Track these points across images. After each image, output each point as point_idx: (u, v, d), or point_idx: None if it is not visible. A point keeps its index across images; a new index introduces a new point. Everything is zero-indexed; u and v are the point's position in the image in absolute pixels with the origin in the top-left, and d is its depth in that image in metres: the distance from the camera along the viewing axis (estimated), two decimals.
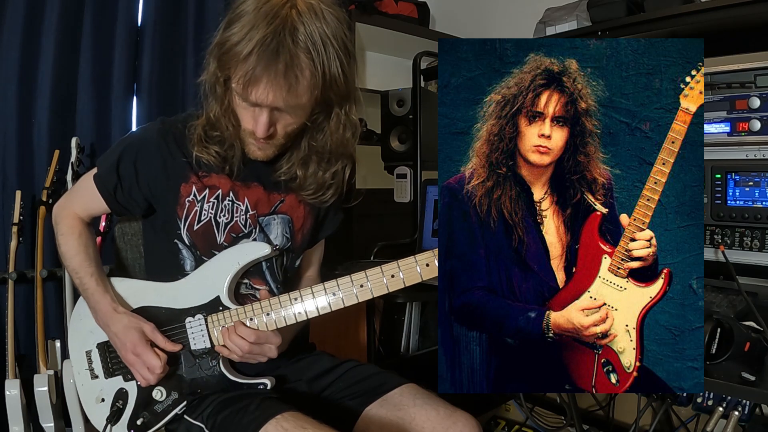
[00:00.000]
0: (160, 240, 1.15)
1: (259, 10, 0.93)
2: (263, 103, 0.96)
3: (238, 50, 0.92)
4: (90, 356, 1.15)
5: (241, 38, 0.92)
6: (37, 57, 1.88)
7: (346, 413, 1.12)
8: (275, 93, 0.94)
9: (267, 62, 0.92)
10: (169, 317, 1.11)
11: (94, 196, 1.15)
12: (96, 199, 1.15)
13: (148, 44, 2.07)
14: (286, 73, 0.93)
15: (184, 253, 1.12)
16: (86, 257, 1.14)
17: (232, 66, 0.95)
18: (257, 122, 1.00)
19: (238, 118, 1.04)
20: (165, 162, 1.10)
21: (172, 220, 1.11)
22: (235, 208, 1.13)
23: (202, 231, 1.11)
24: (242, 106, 1.01)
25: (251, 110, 1.00)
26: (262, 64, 0.92)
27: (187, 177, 1.11)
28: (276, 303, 1.08)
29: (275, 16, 0.92)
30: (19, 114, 1.86)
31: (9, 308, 1.76)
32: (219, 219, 1.12)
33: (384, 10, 2.38)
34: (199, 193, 1.11)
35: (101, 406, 1.12)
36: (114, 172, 1.12)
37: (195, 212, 1.11)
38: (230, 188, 1.13)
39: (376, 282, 1.04)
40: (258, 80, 0.93)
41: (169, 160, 1.10)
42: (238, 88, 0.96)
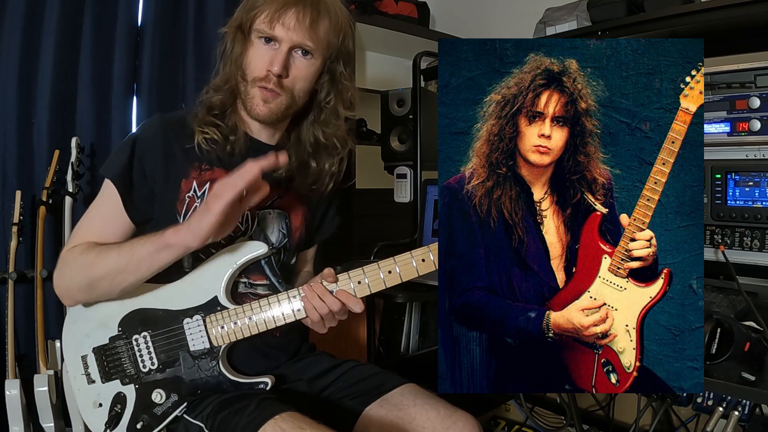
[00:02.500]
0: None
1: None
2: (287, 34, 1.06)
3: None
4: (86, 361, 1.12)
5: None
6: (37, 57, 1.88)
7: (346, 413, 1.12)
8: (300, 25, 1.06)
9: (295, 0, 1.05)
10: (167, 319, 1.10)
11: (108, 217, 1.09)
12: (110, 221, 1.08)
13: (148, 44, 2.07)
14: (314, 8, 1.07)
15: None
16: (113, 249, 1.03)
17: (260, 10, 1.06)
18: (274, 59, 1.06)
19: (246, 70, 1.09)
20: (166, 158, 1.10)
21: (171, 216, 1.11)
22: None
23: None
24: (259, 51, 1.08)
25: (270, 51, 1.07)
26: (291, 1, 1.05)
27: (188, 173, 1.11)
28: (275, 300, 1.08)
29: None
30: (19, 114, 1.85)
31: (9, 308, 1.76)
32: None
33: (384, 10, 2.38)
34: (200, 189, 1.11)
35: (99, 411, 1.11)
36: (128, 168, 1.08)
37: (194, 208, 1.10)
38: None
39: (374, 278, 1.05)
40: (286, 12, 1.05)
41: (170, 156, 1.10)
42: (264, 25, 1.06)
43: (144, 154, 1.10)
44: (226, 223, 0.96)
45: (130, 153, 1.09)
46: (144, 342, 1.09)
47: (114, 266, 1.01)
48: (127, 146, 1.10)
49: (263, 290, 1.16)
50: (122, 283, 1.03)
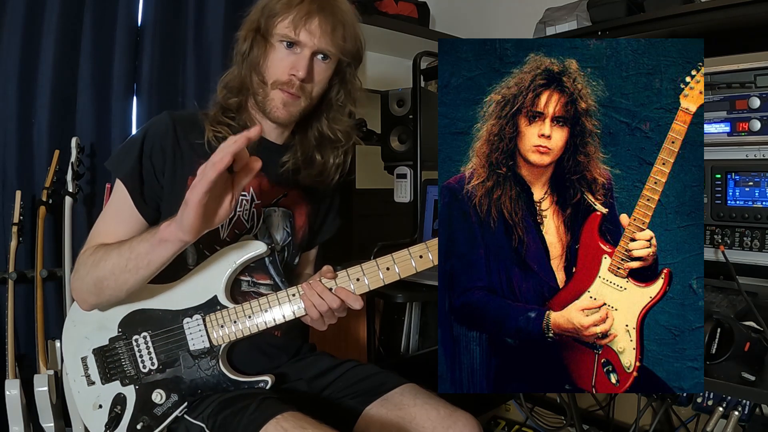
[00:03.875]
0: None
1: None
2: (312, 40, 1.08)
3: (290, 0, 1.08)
4: (86, 362, 1.12)
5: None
6: (37, 57, 1.88)
7: (347, 413, 1.12)
8: (323, 32, 1.08)
9: (320, 6, 1.08)
10: (166, 319, 1.10)
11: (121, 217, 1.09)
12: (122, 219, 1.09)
13: (148, 44, 2.07)
14: (335, 17, 1.10)
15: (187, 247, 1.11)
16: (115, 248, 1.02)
17: (280, 14, 1.08)
18: (298, 64, 1.08)
19: (265, 73, 1.10)
20: (175, 154, 1.11)
21: None
22: (240, 200, 1.13)
23: None
24: (281, 55, 1.09)
25: (291, 56, 1.09)
26: (316, 8, 1.08)
27: (195, 170, 1.10)
28: (274, 300, 1.08)
29: None
30: (19, 114, 1.85)
31: (9, 308, 1.76)
32: None
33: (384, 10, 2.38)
34: None
35: (99, 412, 1.11)
36: (137, 166, 1.08)
37: None
38: None
39: (372, 275, 1.06)
40: (311, 19, 1.07)
41: (178, 153, 1.11)
42: (287, 30, 1.07)
43: (153, 150, 1.10)
44: (209, 213, 0.91)
45: (140, 150, 1.09)
46: (144, 342, 1.09)
47: (116, 264, 0.99)
48: (137, 144, 1.10)
49: (266, 290, 1.16)
50: (126, 283, 1.00)
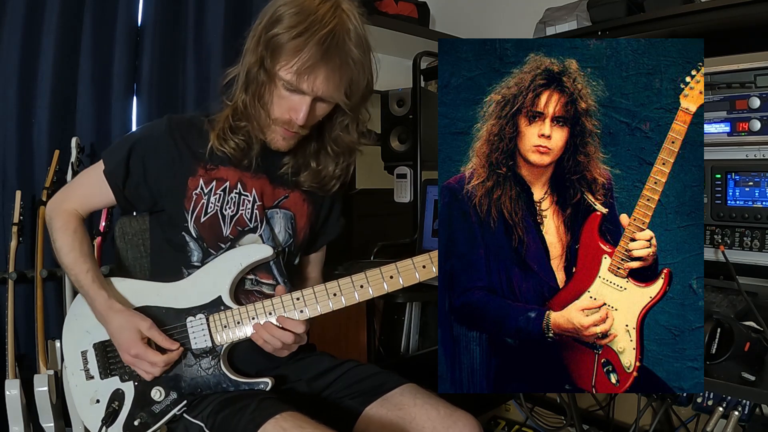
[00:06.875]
0: (167, 233, 1.16)
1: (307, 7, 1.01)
2: (316, 92, 1.03)
3: (296, 44, 0.99)
4: (86, 356, 1.13)
5: (300, 32, 0.99)
6: (37, 57, 1.88)
7: (347, 413, 1.12)
8: (328, 84, 1.03)
9: (326, 56, 1.00)
10: (170, 317, 1.11)
11: (95, 190, 1.16)
12: (98, 193, 1.16)
13: (148, 44, 2.07)
14: (342, 68, 1.02)
15: (191, 245, 1.13)
16: (81, 253, 1.13)
17: (284, 57, 1.01)
18: (298, 110, 1.05)
19: (269, 108, 1.07)
20: (173, 159, 1.13)
21: (179, 214, 1.13)
22: (242, 200, 1.15)
23: (208, 223, 1.13)
24: (282, 95, 1.05)
25: (293, 99, 1.05)
26: (322, 57, 1.00)
27: (195, 170, 1.13)
28: (278, 303, 1.08)
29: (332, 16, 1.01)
30: (19, 114, 1.85)
31: (9, 308, 1.76)
32: (225, 212, 1.13)
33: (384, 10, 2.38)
34: (206, 186, 1.13)
35: (96, 407, 1.11)
36: (123, 166, 1.13)
37: (202, 205, 1.13)
38: (238, 179, 1.15)
39: (376, 283, 1.07)
40: (316, 71, 1.01)
41: (177, 157, 1.13)
42: (289, 77, 1.02)
43: (147, 153, 1.13)
44: None
45: (128, 152, 1.13)
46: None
47: (67, 265, 1.13)
48: (125, 146, 1.14)
49: (268, 289, 1.17)
50: (73, 277, 1.13)
